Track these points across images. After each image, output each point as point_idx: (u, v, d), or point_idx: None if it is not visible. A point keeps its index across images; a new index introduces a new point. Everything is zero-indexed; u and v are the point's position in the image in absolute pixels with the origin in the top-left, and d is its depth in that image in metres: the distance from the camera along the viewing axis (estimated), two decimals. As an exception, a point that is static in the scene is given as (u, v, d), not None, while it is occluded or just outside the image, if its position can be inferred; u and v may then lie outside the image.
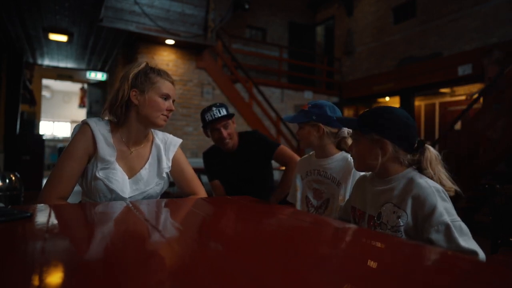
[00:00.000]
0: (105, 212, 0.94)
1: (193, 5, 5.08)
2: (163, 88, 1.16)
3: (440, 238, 0.79)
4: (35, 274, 0.44)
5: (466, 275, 0.51)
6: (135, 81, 1.14)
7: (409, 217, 0.85)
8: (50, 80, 10.11)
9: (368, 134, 0.92)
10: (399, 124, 0.90)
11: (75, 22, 4.58)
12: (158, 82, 1.16)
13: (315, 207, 1.32)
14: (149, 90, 1.14)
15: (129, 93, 1.13)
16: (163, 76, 1.18)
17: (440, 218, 0.80)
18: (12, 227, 0.69)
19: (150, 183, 1.19)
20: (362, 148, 0.94)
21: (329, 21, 9.91)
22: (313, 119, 1.26)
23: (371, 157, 0.92)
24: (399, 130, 0.90)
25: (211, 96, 5.72)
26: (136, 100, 1.14)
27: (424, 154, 0.91)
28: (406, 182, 0.89)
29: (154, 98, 1.15)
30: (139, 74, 1.15)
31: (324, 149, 1.30)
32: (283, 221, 0.90)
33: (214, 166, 1.91)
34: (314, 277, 0.44)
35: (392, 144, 0.90)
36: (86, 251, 0.58)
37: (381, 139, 0.90)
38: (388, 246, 0.65)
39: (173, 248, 0.60)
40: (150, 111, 1.14)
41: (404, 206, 0.86)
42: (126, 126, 1.17)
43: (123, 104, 1.14)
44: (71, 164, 1.08)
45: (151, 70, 1.18)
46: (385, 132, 0.90)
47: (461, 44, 6.54)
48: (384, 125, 0.90)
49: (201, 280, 0.44)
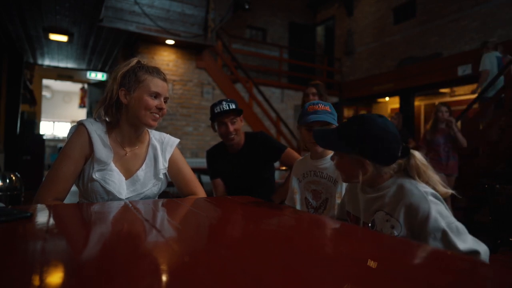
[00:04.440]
0: (105, 212, 0.94)
1: (193, 5, 5.08)
2: (152, 86, 1.11)
3: (438, 245, 0.78)
4: (35, 274, 0.45)
5: (466, 275, 0.51)
6: (123, 80, 1.11)
7: (402, 227, 0.83)
8: (51, 80, 10.12)
9: (348, 153, 0.91)
10: (376, 140, 0.87)
11: (75, 22, 4.58)
12: (146, 80, 1.11)
13: (314, 208, 1.32)
14: (137, 89, 1.11)
15: (118, 92, 1.11)
16: (152, 74, 1.13)
17: (436, 225, 0.78)
18: (12, 227, 0.69)
19: (147, 184, 1.18)
20: (344, 164, 0.93)
21: (329, 21, 9.91)
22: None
23: (354, 173, 0.90)
24: (377, 148, 0.87)
25: (211, 96, 5.72)
26: (125, 99, 1.11)
27: (410, 162, 0.88)
28: (396, 189, 0.87)
29: (142, 97, 1.10)
30: (128, 73, 1.12)
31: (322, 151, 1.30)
32: (283, 221, 0.90)
33: (216, 164, 1.90)
34: (314, 277, 0.44)
35: (371, 163, 0.88)
36: (86, 251, 0.58)
37: (360, 159, 0.88)
38: (388, 246, 0.65)
39: (172, 248, 0.60)
40: (138, 110, 1.11)
41: (397, 215, 0.85)
42: (119, 127, 1.15)
43: (112, 104, 1.12)
44: (68, 166, 1.07)
45: (139, 68, 1.13)
46: (363, 152, 0.87)
47: (461, 45, 6.54)
48: (362, 144, 0.87)
49: (201, 280, 0.44)
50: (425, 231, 0.79)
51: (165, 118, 5.32)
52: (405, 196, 0.84)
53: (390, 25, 8.00)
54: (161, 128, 4.85)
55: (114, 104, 1.13)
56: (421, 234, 0.81)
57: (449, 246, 0.77)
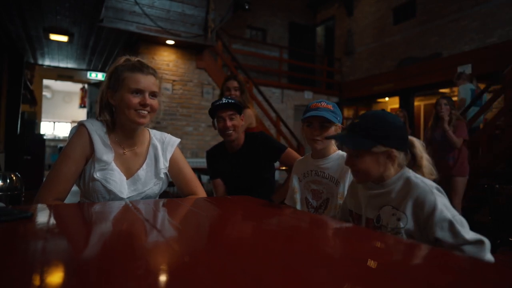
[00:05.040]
0: (105, 212, 0.94)
1: (193, 5, 5.08)
2: (131, 83, 1.08)
3: (446, 235, 0.80)
4: (35, 274, 0.45)
5: (466, 274, 0.51)
6: (109, 81, 1.12)
7: (409, 219, 0.85)
8: (51, 80, 10.12)
9: (371, 147, 0.89)
10: (395, 128, 0.90)
11: (75, 22, 4.58)
12: (126, 78, 1.09)
13: (315, 208, 1.32)
14: (120, 88, 1.09)
15: (106, 94, 1.12)
16: (133, 70, 1.09)
17: (442, 216, 0.81)
18: (12, 227, 0.69)
19: (148, 184, 1.19)
20: (369, 163, 0.90)
21: (329, 22, 9.92)
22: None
23: (379, 168, 0.90)
24: (397, 134, 0.90)
25: (211, 96, 5.72)
26: (113, 100, 1.12)
27: (415, 150, 0.92)
28: (402, 184, 0.89)
29: (123, 95, 1.08)
30: (113, 73, 1.11)
31: (323, 150, 1.30)
32: (283, 221, 0.90)
33: (217, 164, 1.90)
34: (314, 277, 0.44)
35: (397, 151, 0.90)
36: (87, 251, 0.58)
37: (387, 149, 0.89)
38: (388, 246, 0.65)
39: (173, 248, 0.60)
40: (123, 109, 1.10)
41: (404, 208, 0.86)
42: (115, 128, 1.16)
43: (104, 105, 1.13)
44: (68, 166, 1.08)
45: (123, 66, 1.11)
46: (388, 141, 0.89)
47: (461, 45, 6.55)
48: (385, 134, 0.89)
49: (201, 280, 0.44)
50: (432, 222, 0.82)
51: (165, 118, 5.32)
52: (412, 189, 0.86)
53: (390, 25, 8.00)
54: (161, 128, 4.85)
55: (106, 105, 1.13)
56: (427, 225, 0.83)
57: (456, 236, 0.80)
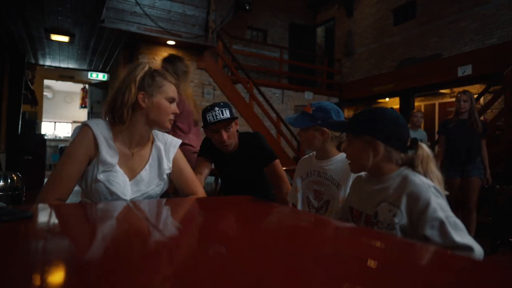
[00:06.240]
0: (106, 212, 0.94)
1: (194, 6, 5.09)
2: (170, 91, 1.17)
3: (435, 234, 0.80)
4: (36, 274, 0.45)
5: (466, 274, 0.51)
6: (142, 84, 1.14)
7: (403, 214, 0.86)
8: (52, 80, 10.14)
9: (359, 136, 0.94)
10: (389, 124, 0.93)
11: (77, 23, 4.59)
12: (165, 85, 1.16)
13: (316, 208, 1.32)
14: (156, 94, 1.15)
15: (136, 95, 1.13)
16: (168, 79, 1.18)
17: (434, 214, 0.81)
18: (13, 227, 0.69)
19: (151, 184, 1.20)
20: (355, 150, 0.96)
21: (330, 22, 9.93)
22: (318, 124, 1.24)
23: (364, 158, 0.94)
24: (390, 130, 0.92)
25: (212, 96, 5.73)
26: (144, 103, 1.13)
27: (417, 152, 0.92)
28: (400, 181, 0.90)
29: (161, 102, 1.15)
30: (146, 77, 1.15)
31: (325, 151, 1.30)
32: (283, 221, 0.91)
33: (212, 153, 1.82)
34: (314, 277, 0.45)
35: (383, 145, 0.91)
36: (87, 251, 0.58)
37: (372, 140, 0.92)
38: (388, 245, 0.65)
39: (173, 248, 0.60)
40: (158, 114, 1.15)
41: (399, 203, 0.87)
42: (130, 128, 1.15)
43: (129, 106, 1.12)
44: (71, 166, 1.08)
45: (157, 72, 1.18)
46: (376, 133, 0.92)
47: (460, 45, 6.55)
48: (375, 126, 0.93)
49: (201, 279, 0.44)
50: (423, 219, 0.81)
51: (166, 118, 5.32)
52: (408, 185, 0.87)
53: (390, 26, 8.01)
54: (162, 128, 4.85)
55: (131, 106, 1.13)
56: (419, 222, 0.83)
57: (445, 237, 0.79)
